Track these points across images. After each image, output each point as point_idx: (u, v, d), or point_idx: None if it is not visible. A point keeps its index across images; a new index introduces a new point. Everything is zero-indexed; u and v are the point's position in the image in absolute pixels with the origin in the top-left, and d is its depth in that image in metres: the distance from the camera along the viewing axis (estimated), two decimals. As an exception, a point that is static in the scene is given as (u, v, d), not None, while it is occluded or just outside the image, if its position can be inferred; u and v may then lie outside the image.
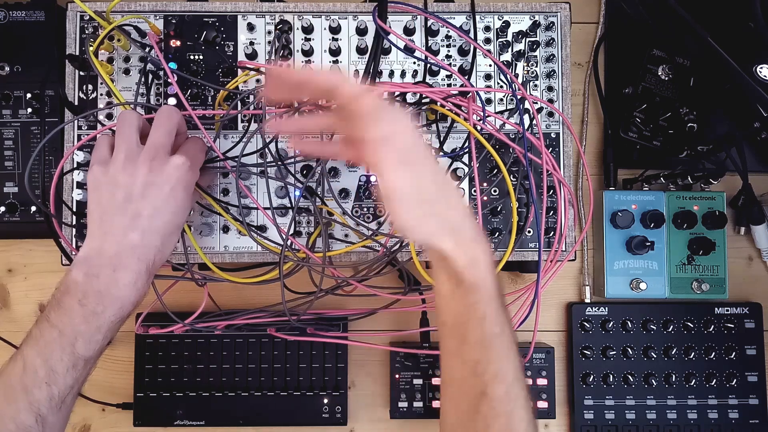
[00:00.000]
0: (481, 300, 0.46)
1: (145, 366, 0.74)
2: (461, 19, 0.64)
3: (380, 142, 0.44)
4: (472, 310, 0.46)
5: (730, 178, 0.79)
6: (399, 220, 0.46)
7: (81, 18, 0.63)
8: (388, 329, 0.80)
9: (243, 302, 0.78)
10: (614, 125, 0.79)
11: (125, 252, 0.51)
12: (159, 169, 0.51)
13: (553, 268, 0.63)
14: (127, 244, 0.51)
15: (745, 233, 0.81)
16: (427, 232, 0.46)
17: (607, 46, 0.82)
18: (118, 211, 0.51)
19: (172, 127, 0.54)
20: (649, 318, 0.77)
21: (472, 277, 0.45)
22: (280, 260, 0.59)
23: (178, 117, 0.54)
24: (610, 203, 0.77)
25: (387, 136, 0.45)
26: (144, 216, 0.51)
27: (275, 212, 0.62)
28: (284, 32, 0.63)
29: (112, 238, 0.51)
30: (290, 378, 0.75)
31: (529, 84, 0.65)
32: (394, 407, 0.75)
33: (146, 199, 0.51)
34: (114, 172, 0.51)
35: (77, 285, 0.50)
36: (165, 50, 0.62)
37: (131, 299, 0.51)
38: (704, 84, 0.77)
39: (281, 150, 0.62)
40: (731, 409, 0.76)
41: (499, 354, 0.46)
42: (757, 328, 0.78)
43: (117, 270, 0.50)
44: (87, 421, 0.78)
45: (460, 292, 0.46)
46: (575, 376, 0.77)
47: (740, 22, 0.71)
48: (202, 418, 0.74)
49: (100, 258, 0.50)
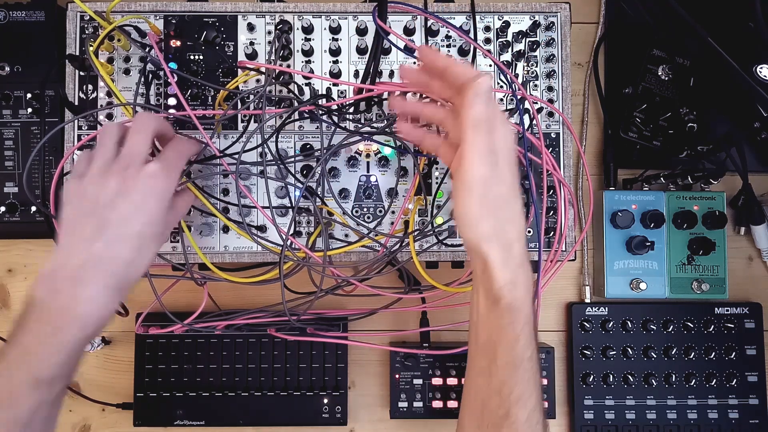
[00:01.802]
0: (517, 322, 0.46)
1: (145, 366, 0.74)
2: (461, 19, 0.64)
3: (480, 124, 0.45)
4: (507, 331, 0.46)
5: (730, 178, 0.79)
6: (461, 209, 0.46)
7: (81, 18, 0.63)
8: (388, 329, 0.80)
9: (243, 302, 0.78)
10: (614, 125, 0.79)
11: (89, 264, 0.47)
12: (131, 179, 0.49)
13: (553, 268, 0.63)
14: (91, 255, 0.47)
15: (745, 233, 0.81)
16: (482, 234, 0.46)
17: (607, 46, 0.82)
18: (85, 222, 0.48)
19: (149, 133, 0.51)
20: (649, 318, 0.77)
21: (510, 297, 0.46)
22: (280, 260, 0.59)
23: (155, 122, 0.52)
24: (610, 203, 0.77)
25: (489, 120, 0.45)
26: (110, 226, 0.48)
27: (275, 212, 0.62)
28: (284, 32, 0.63)
29: (76, 250, 0.48)
30: (290, 378, 0.75)
31: (529, 84, 0.65)
32: (394, 407, 0.75)
33: (114, 209, 0.48)
34: (86, 183, 0.49)
35: (38, 301, 0.47)
36: (165, 50, 0.62)
37: (94, 317, 0.47)
38: (704, 84, 0.77)
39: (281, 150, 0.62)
40: (731, 409, 0.76)
41: (525, 378, 0.46)
42: (757, 328, 0.78)
43: (79, 284, 0.47)
44: (87, 421, 0.78)
45: (497, 312, 0.46)
46: (575, 376, 0.77)
47: (740, 22, 0.71)
48: (202, 418, 0.74)
49: (63, 271, 0.47)
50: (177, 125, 0.63)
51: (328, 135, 0.61)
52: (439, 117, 0.52)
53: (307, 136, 0.63)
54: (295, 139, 0.63)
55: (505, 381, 0.46)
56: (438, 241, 0.62)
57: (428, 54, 0.49)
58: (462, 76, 0.46)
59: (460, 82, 0.46)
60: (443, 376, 0.75)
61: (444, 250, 0.63)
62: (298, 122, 0.63)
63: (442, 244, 0.63)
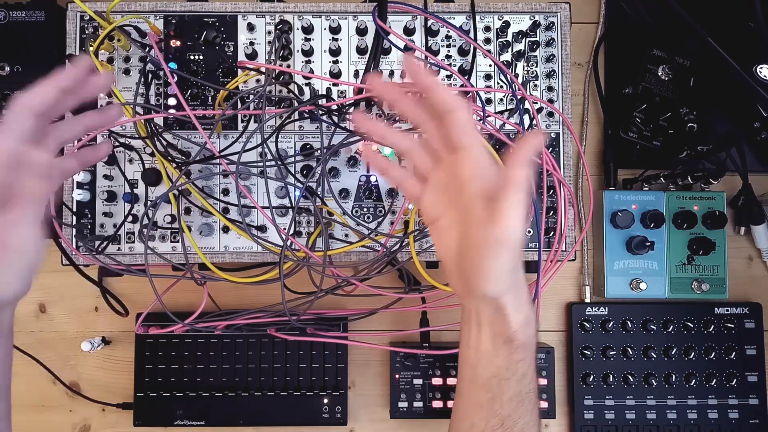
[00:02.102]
0: (526, 358, 0.46)
1: (145, 366, 0.74)
2: (461, 19, 0.64)
3: (526, 184, 0.41)
4: (516, 368, 0.46)
5: (730, 178, 0.79)
6: (492, 265, 0.42)
7: (81, 18, 0.63)
8: (388, 329, 0.80)
9: (243, 302, 0.78)
10: (614, 125, 0.79)
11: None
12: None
13: (553, 268, 0.63)
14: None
15: (745, 233, 0.81)
16: (504, 287, 0.44)
17: (607, 46, 0.82)
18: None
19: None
20: (649, 318, 0.77)
21: (524, 336, 0.46)
22: (280, 260, 0.59)
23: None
24: (610, 203, 0.77)
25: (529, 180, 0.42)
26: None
27: (275, 212, 0.62)
28: (284, 32, 0.63)
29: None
30: (290, 378, 0.75)
31: (529, 84, 0.65)
32: (394, 407, 0.75)
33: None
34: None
35: None
36: (165, 50, 0.62)
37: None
38: (704, 84, 0.77)
39: (281, 150, 0.62)
40: (731, 409, 0.76)
41: (528, 410, 0.47)
42: (757, 328, 0.78)
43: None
44: (87, 421, 0.78)
45: (507, 350, 0.46)
46: (575, 376, 0.77)
47: (740, 22, 0.71)
48: (202, 418, 0.74)
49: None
50: (177, 125, 0.63)
51: (328, 135, 0.61)
52: (404, 146, 0.47)
53: (307, 136, 0.63)
54: (295, 139, 0.63)
55: (510, 415, 0.46)
56: (438, 241, 0.62)
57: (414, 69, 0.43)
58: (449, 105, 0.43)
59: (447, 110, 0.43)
60: (443, 376, 0.75)
61: (444, 250, 0.63)
62: (298, 122, 0.63)
63: (442, 244, 0.63)
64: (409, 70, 0.43)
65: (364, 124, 0.48)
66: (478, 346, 0.47)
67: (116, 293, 0.76)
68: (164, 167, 0.61)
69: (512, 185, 0.41)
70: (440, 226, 0.47)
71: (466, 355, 0.48)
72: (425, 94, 0.44)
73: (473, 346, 0.47)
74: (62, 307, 0.79)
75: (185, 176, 0.62)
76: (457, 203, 0.45)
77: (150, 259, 0.60)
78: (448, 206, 0.46)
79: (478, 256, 0.43)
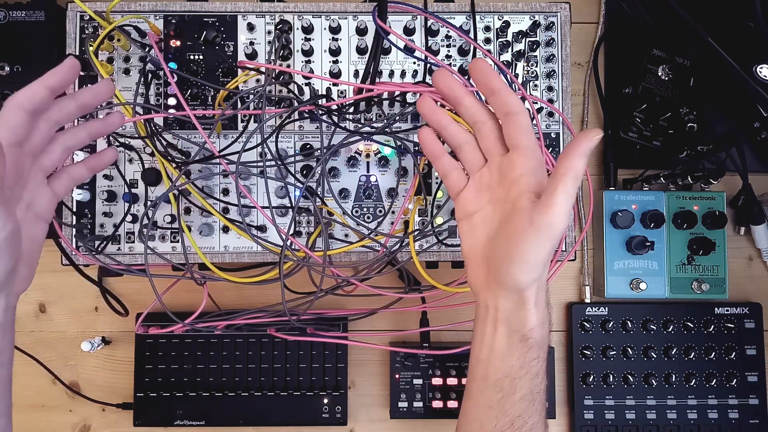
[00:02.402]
0: (540, 358, 0.47)
1: (145, 366, 0.74)
2: (461, 19, 0.64)
3: (579, 178, 0.42)
4: (529, 367, 0.46)
5: (730, 178, 0.79)
6: (534, 253, 0.43)
7: (81, 18, 0.63)
8: (388, 329, 0.80)
9: (243, 302, 0.78)
10: (614, 125, 0.79)
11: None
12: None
13: (553, 268, 0.63)
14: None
15: (745, 233, 0.81)
16: (535, 278, 0.45)
17: (607, 46, 0.82)
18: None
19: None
20: (649, 318, 0.77)
21: (539, 336, 0.46)
22: (280, 260, 0.59)
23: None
24: (610, 203, 0.77)
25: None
26: None
27: (275, 212, 0.62)
28: (284, 32, 0.63)
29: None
30: (290, 378, 0.75)
31: (529, 84, 0.64)
32: (394, 407, 0.75)
33: None
34: None
35: None
36: (165, 50, 0.62)
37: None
38: (704, 84, 0.77)
39: (281, 150, 0.62)
40: (731, 409, 0.76)
41: (537, 409, 0.47)
42: (757, 328, 0.78)
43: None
44: (87, 421, 0.78)
45: (522, 349, 0.46)
46: (575, 376, 0.77)
47: (740, 22, 0.71)
48: (202, 418, 0.74)
49: None
50: (177, 125, 0.63)
51: (328, 135, 0.61)
52: (459, 140, 0.50)
53: (307, 136, 0.63)
54: (295, 139, 0.63)
55: (521, 414, 0.46)
56: (438, 241, 0.62)
57: (485, 72, 0.46)
58: (515, 108, 0.46)
59: (508, 110, 0.46)
60: (443, 376, 0.75)
61: (444, 250, 0.63)
62: (298, 122, 0.63)
63: (442, 244, 0.63)
64: (480, 71, 0.47)
65: (433, 111, 0.51)
66: (493, 344, 0.47)
67: (116, 293, 0.76)
68: (164, 167, 0.61)
69: (567, 175, 0.42)
70: (474, 221, 0.49)
71: (479, 354, 0.48)
72: (493, 95, 0.46)
73: (487, 344, 0.48)
74: (62, 307, 0.79)
75: (185, 176, 0.62)
76: (500, 200, 0.47)
77: (150, 259, 0.60)
78: (489, 202, 0.49)
79: (519, 242, 0.44)
